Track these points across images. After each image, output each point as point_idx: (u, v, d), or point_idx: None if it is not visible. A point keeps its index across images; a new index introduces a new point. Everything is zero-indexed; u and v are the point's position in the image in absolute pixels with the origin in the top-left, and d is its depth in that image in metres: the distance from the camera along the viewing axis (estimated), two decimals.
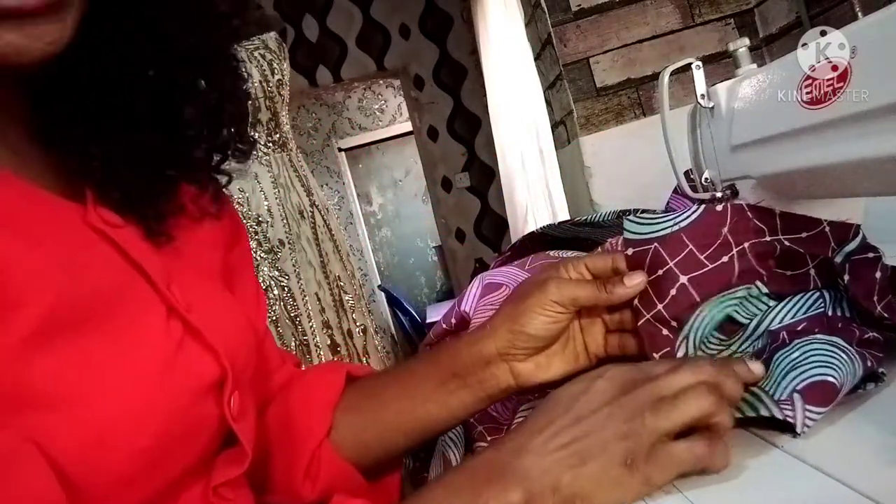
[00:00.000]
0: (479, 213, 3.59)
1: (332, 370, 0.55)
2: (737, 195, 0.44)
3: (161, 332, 0.37)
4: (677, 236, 0.44)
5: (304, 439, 0.50)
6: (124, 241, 0.38)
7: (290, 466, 0.49)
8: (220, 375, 0.40)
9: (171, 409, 0.35)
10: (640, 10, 1.19)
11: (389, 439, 0.51)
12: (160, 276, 0.39)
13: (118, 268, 0.37)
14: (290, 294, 1.20)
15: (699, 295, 0.44)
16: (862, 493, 0.30)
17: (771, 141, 0.39)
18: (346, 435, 0.51)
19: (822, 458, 0.34)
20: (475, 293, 0.69)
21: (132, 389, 0.33)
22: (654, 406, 0.36)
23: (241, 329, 0.46)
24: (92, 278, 0.35)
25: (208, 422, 0.39)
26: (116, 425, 0.32)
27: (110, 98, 0.41)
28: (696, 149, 0.47)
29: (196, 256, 0.45)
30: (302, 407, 0.52)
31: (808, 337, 0.41)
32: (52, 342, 0.31)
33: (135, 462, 0.33)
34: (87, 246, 0.36)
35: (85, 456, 0.31)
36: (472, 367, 0.48)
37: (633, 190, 1.16)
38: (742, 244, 0.44)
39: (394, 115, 5.16)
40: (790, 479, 0.33)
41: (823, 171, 0.35)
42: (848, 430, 0.37)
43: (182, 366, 0.37)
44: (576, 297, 0.46)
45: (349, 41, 3.33)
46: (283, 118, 1.27)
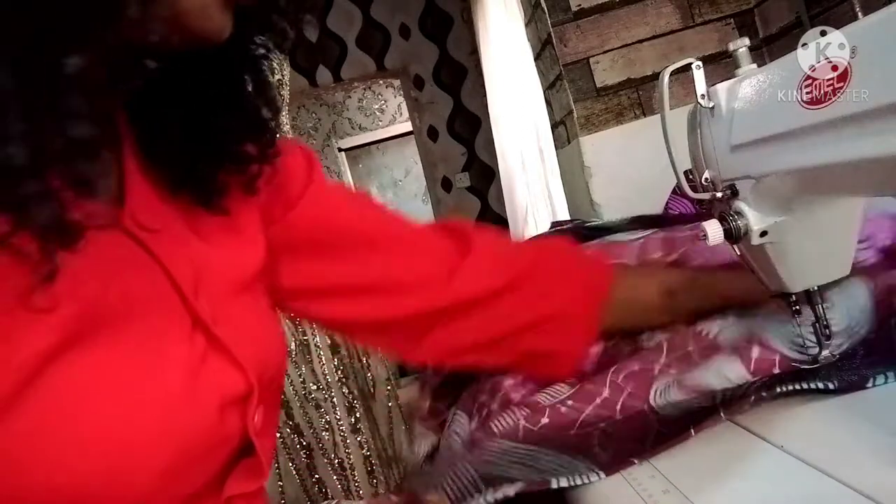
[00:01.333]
0: (479, 213, 3.58)
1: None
2: (737, 195, 0.44)
3: (184, 346, 0.36)
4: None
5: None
6: (157, 246, 0.37)
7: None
8: (245, 390, 0.39)
9: (193, 425, 0.35)
10: (640, 10, 1.19)
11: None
12: (189, 285, 0.38)
13: (147, 274, 0.36)
14: None
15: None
16: (862, 493, 0.30)
17: (771, 141, 0.38)
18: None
19: (822, 458, 0.34)
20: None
21: (153, 406, 0.33)
22: None
23: (272, 341, 0.45)
24: (120, 285, 0.34)
25: (231, 437, 0.38)
26: (136, 444, 0.31)
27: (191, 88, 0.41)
28: (696, 149, 0.47)
29: (227, 264, 0.44)
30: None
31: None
32: (74, 351, 0.30)
33: (154, 481, 0.32)
34: (119, 251, 0.36)
35: (105, 475, 0.30)
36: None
37: (633, 190, 1.16)
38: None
39: (394, 115, 5.16)
40: (790, 479, 0.33)
41: (823, 171, 0.35)
42: (848, 430, 0.37)
43: (205, 381, 0.36)
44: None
45: (349, 41, 3.33)
46: (284, 118, 1.27)
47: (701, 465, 0.38)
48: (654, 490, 0.37)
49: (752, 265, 0.48)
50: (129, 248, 0.36)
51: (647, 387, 0.51)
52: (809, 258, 0.45)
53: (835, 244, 0.45)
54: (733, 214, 0.44)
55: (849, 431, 0.36)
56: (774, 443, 0.37)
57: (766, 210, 0.43)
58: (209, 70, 0.41)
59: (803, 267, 0.45)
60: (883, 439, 0.34)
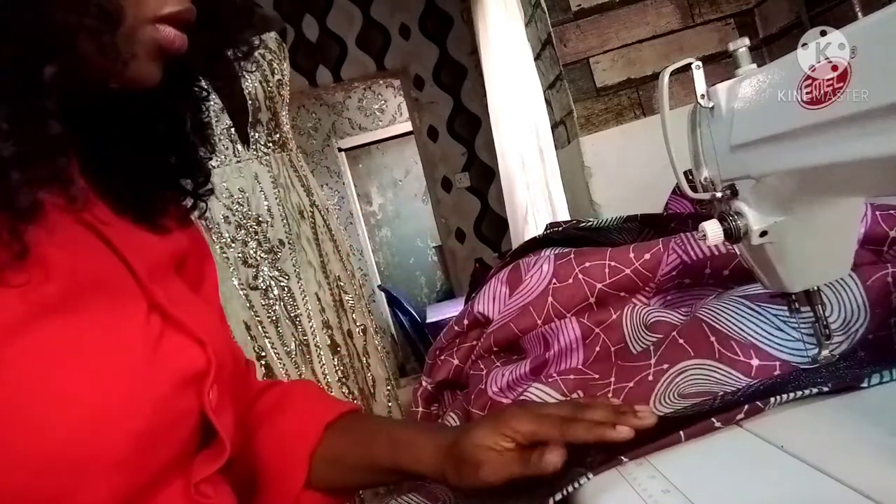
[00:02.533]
0: (479, 213, 3.58)
1: (310, 419, 0.56)
2: (737, 195, 0.44)
3: (141, 325, 0.38)
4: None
5: (290, 481, 0.53)
6: (113, 236, 0.41)
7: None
8: (204, 366, 0.42)
9: (157, 395, 0.37)
10: (640, 10, 1.19)
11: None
12: (145, 272, 0.41)
13: (106, 260, 0.40)
14: (290, 294, 1.20)
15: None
16: (862, 493, 0.30)
17: (771, 141, 0.38)
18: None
19: (822, 458, 0.34)
20: (501, 294, 0.70)
21: (119, 375, 0.35)
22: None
23: (220, 326, 0.48)
24: (85, 267, 0.37)
25: (189, 414, 0.40)
26: (108, 408, 0.34)
27: (135, 126, 0.46)
28: (696, 149, 0.47)
29: (172, 255, 0.48)
30: (280, 452, 0.54)
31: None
32: (52, 320, 0.34)
33: (130, 443, 0.35)
34: (80, 238, 0.39)
35: (82, 438, 0.33)
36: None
37: (633, 190, 1.16)
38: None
39: (394, 115, 5.15)
40: (790, 479, 0.33)
41: (823, 171, 0.35)
42: (848, 430, 0.37)
43: (166, 356, 0.39)
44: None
45: (349, 41, 3.33)
46: (283, 118, 1.27)
47: (701, 465, 0.38)
48: (653, 490, 0.37)
49: (752, 265, 0.48)
50: (89, 237, 0.40)
51: (647, 397, 0.51)
52: (809, 258, 0.45)
53: (835, 244, 0.45)
54: (733, 214, 0.44)
55: (849, 431, 0.36)
56: (774, 443, 0.37)
57: (766, 210, 0.43)
58: (150, 109, 0.46)
59: (803, 267, 0.45)
60: (883, 439, 0.34)
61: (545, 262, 0.69)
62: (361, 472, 0.53)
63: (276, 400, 0.57)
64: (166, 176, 0.49)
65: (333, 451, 0.54)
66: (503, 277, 0.73)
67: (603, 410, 0.44)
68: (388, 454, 0.51)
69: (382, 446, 0.52)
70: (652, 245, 0.65)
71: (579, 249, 0.70)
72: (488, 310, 0.72)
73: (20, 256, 0.32)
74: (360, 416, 0.58)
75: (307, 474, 0.53)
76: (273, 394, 0.58)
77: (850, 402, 0.39)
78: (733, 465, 0.37)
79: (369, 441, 0.53)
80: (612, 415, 0.43)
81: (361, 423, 0.56)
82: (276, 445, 0.54)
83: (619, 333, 0.62)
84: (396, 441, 0.51)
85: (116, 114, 0.45)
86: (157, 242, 0.46)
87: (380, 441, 0.52)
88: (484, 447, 0.44)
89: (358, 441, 0.54)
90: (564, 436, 0.42)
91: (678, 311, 0.62)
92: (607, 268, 0.65)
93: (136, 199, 0.45)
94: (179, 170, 0.50)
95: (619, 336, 0.62)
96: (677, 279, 0.64)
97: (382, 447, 0.51)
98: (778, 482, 0.34)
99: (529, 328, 0.67)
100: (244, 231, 1.17)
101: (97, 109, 0.44)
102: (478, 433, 0.45)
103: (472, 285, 2.88)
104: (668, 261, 0.63)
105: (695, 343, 0.53)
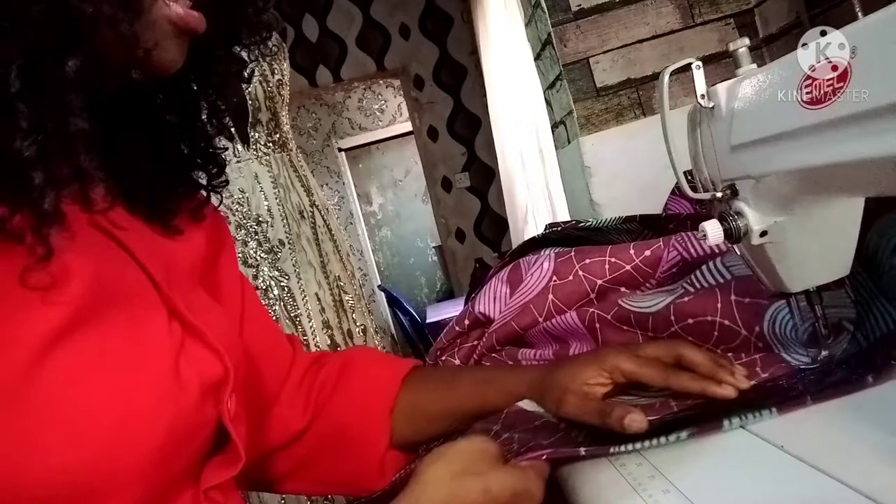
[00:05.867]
0: (479, 213, 3.58)
1: (384, 377, 0.58)
2: (737, 195, 0.44)
3: (164, 333, 0.37)
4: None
5: (373, 444, 0.54)
6: (130, 242, 0.39)
7: (361, 468, 0.54)
8: (222, 375, 0.41)
9: (179, 408, 0.36)
10: (640, 10, 1.19)
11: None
12: (162, 277, 0.40)
13: (125, 268, 0.38)
14: (290, 294, 1.20)
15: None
16: (862, 493, 0.30)
17: (771, 141, 0.38)
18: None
19: (822, 458, 0.34)
20: (502, 293, 0.70)
21: (145, 388, 0.34)
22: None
23: (233, 332, 0.47)
24: (107, 275, 0.36)
25: (207, 423, 0.40)
26: (135, 422, 0.33)
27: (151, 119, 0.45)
28: (696, 149, 0.47)
29: (188, 260, 0.47)
30: (361, 416, 0.55)
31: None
32: (78, 333, 0.32)
33: (153, 455, 0.34)
34: (99, 245, 0.38)
35: (100, 456, 0.31)
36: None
37: (633, 190, 1.16)
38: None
39: (394, 115, 5.15)
40: (790, 478, 0.33)
41: (823, 171, 0.35)
42: (848, 430, 0.37)
43: (187, 366, 0.38)
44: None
45: (349, 41, 3.33)
46: (283, 118, 1.27)
47: (700, 465, 0.38)
48: (653, 489, 0.37)
49: (752, 265, 0.48)
50: (107, 244, 0.38)
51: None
52: (809, 258, 0.45)
53: (835, 244, 0.45)
54: (733, 214, 0.44)
55: (849, 431, 0.36)
56: (774, 443, 0.37)
57: (766, 210, 0.43)
58: (167, 98, 0.45)
59: (803, 267, 0.45)
60: (883, 439, 0.34)
61: (545, 260, 0.69)
62: (442, 420, 0.54)
63: (341, 366, 0.58)
64: (180, 171, 0.48)
65: (413, 405, 0.55)
66: (504, 277, 0.73)
67: (706, 362, 0.44)
68: (474, 393, 0.52)
69: (466, 387, 0.53)
70: (652, 242, 0.65)
71: (580, 248, 0.70)
72: (489, 310, 0.72)
73: (45, 259, 0.31)
74: (430, 367, 0.60)
75: (390, 434, 0.54)
76: (336, 361, 0.59)
77: (850, 402, 0.39)
78: (733, 464, 0.37)
79: (449, 386, 0.54)
80: (714, 367, 0.44)
81: (435, 373, 0.59)
82: (354, 411, 0.55)
83: (622, 312, 0.62)
84: (481, 381, 0.53)
85: (132, 106, 0.44)
86: (173, 248, 0.44)
87: (462, 383, 0.54)
88: (578, 382, 0.44)
89: (438, 388, 0.55)
90: (667, 382, 0.43)
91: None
92: (607, 264, 0.65)
93: (148, 198, 0.44)
94: (193, 163, 0.48)
95: (622, 313, 0.62)
96: (678, 276, 0.64)
97: (466, 388, 0.53)
98: (778, 482, 0.34)
99: (530, 326, 0.67)
100: (244, 231, 1.17)
101: (112, 103, 0.42)
102: (576, 366, 0.45)
103: (473, 285, 2.89)
104: (668, 257, 0.64)
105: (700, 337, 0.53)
